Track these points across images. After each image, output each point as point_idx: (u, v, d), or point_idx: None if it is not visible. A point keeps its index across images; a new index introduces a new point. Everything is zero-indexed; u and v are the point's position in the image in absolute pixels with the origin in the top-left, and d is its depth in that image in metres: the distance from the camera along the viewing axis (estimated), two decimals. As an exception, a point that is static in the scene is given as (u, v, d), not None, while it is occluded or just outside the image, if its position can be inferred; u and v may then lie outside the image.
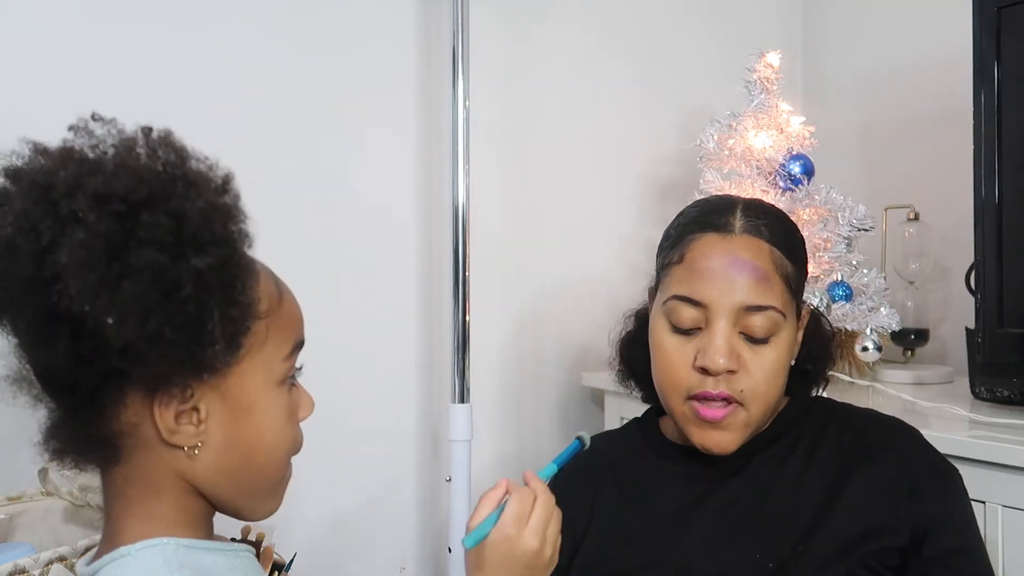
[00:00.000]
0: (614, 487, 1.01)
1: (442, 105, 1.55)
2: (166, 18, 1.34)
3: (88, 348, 0.59)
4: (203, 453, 0.67)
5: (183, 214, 0.60)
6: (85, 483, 1.07)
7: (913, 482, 0.90)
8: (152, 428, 0.65)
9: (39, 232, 0.59)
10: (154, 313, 0.58)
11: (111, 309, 0.58)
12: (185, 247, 0.60)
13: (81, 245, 0.57)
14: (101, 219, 0.58)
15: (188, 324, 0.60)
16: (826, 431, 0.96)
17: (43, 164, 0.62)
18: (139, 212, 0.59)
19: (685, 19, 1.90)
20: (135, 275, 0.58)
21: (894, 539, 0.87)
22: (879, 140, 1.87)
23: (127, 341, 0.58)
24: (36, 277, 0.58)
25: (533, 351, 1.71)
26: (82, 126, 0.64)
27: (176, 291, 0.59)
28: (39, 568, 0.90)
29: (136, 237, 0.59)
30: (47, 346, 0.60)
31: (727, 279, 0.90)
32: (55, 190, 0.60)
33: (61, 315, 0.58)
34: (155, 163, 0.62)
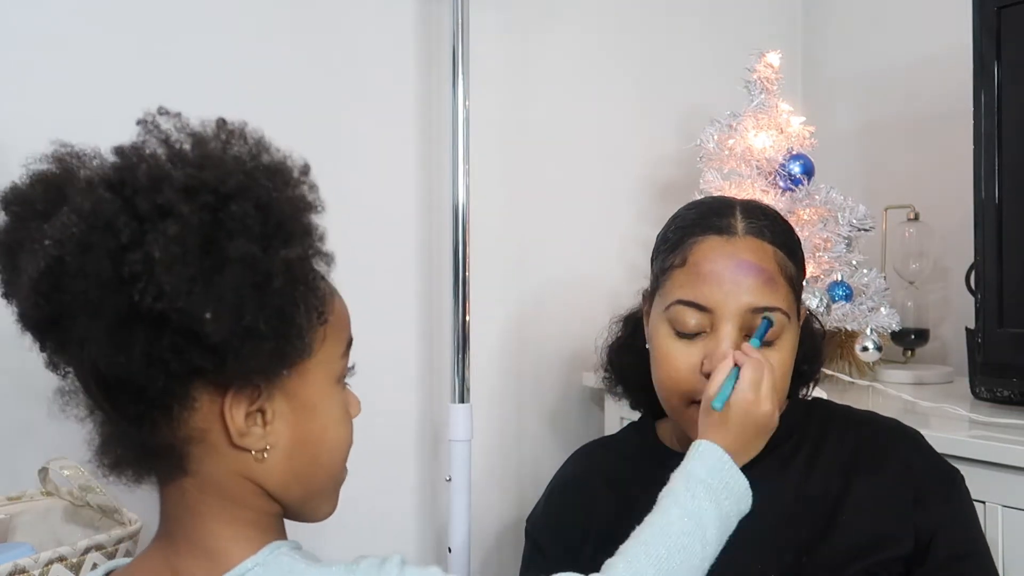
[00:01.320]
0: (611, 496, 1.00)
1: (442, 105, 1.55)
2: (166, 18, 1.34)
3: (167, 348, 0.58)
4: (271, 455, 0.66)
5: (269, 205, 0.59)
6: (85, 483, 1.07)
7: (917, 488, 0.89)
8: (220, 432, 0.64)
9: (115, 230, 0.57)
10: (248, 306, 0.57)
11: (208, 304, 0.56)
12: (272, 238, 0.59)
13: (174, 239, 0.56)
14: (194, 211, 0.57)
15: (278, 317, 0.59)
16: (827, 437, 0.95)
17: (106, 162, 0.61)
18: (228, 203, 0.58)
19: (685, 19, 1.90)
20: (230, 268, 0.57)
21: (899, 548, 0.87)
22: (879, 140, 1.87)
23: (222, 337, 0.57)
24: (114, 276, 0.56)
25: (533, 351, 1.71)
26: (150, 120, 0.62)
27: (268, 283, 0.58)
28: (39, 568, 0.90)
29: (226, 229, 0.57)
30: (122, 349, 0.58)
31: (733, 282, 0.89)
32: (128, 186, 0.58)
33: (142, 315, 0.56)
34: (236, 154, 0.61)
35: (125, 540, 0.99)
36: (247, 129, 0.64)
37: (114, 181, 0.59)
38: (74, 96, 1.28)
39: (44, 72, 1.25)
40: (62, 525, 1.11)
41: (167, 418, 0.62)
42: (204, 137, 0.62)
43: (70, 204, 0.59)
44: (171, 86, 1.34)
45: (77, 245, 0.57)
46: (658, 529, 0.76)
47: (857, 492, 0.90)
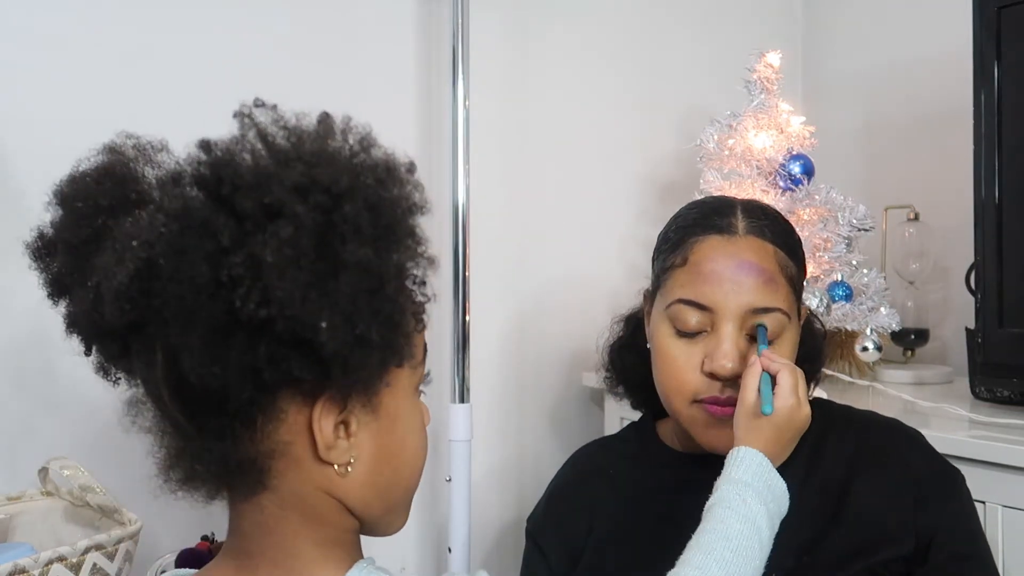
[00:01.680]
0: (612, 496, 1.00)
1: (442, 105, 1.55)
2: (166, 18, 1.34)
3: (264, 358, 0.53)
4: (355, 470, 0.61)
5: (378, 205, 0.55)
6: (85, 483, 1.07)
7: (918, 489, 0.89)
8: (305, 446, 0.59)
9: (213, 231, 0.52)
10: (363, 314, 0.53)
11: (323, 312, 0.52)
12: (383, 241, 0.55)
13: (288, 242, 0.51)
14: (308, 212, 0.52)
15: (389, 324, 0.55)
16: (827, 437, 0.95)
17: (196, 156, 0.56)
18: (341, 203, 0.53)
19: (685, 19, 1.90)
20: (346, 272, 0.53)
21: (900, 548, 0.87)
22: (879, 140, 1.87)
23: (336, 347, 0.53)
24: (212, 280, 0.52)
25: (533, 351, 1.71)
26: (247, 112, 0.57)
27: (381, 289, 0.54)
28: (39, 568, 0.90)
29: (339, 231, 0.53)
30: (218, 359, 0.53)
31: (734, 282, 0.90)
32: (227, 184, 0.53)
33: (241, 323, 0.52)
34: (344, 150, 0.57)
35: (125, 540, 0.99)
36: (352, 123, 0.60)
37: (208, 178, 0.54)
38: (74, 97, 1.28)
39: (44, 72, 1.25)
40: (62, 525, 1.11)
41: (250, 431, 0.58)
42: (306, 133, 0.58)
43: (156, 203, 0.55)
44: (171, 86, 1.34)
45: (170, 247, 0.52)
46: (719, 535, 0.76)
47: (858, 492, 0.90)
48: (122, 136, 0.61)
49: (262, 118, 0.57)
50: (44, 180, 1.33)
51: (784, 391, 0.85)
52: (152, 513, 1.13)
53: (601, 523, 0.98)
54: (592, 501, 1.00)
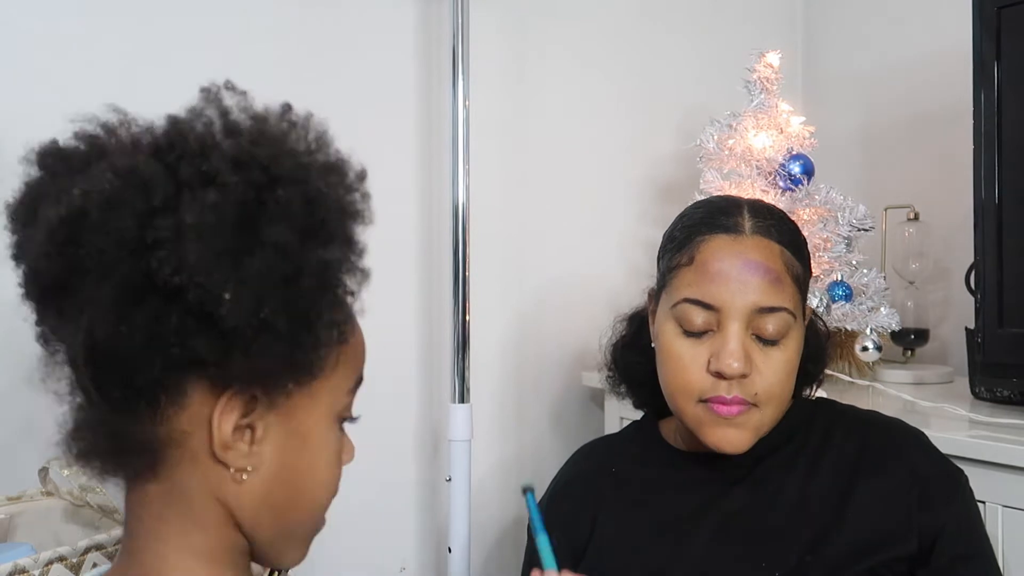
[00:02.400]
0: (616, 495, 1.00)
1: (442, 105, 1.55)
2: (166, 18, 1.34)
3: (173, 329, 0.53)
4: (251, 479, 0.59)
5: (316, 200, 0.55)
6: (85, 483, 1.07)
7: (921, 489, 0.89)
8: (203, 440, 0.58)
9: (149, 191, 0.53)
10: (271, 297, 0.53)
11: (229, 284, 0.52)
12: (313, 235, 0.55)
13: (211, 207, 0.52)
14: (238, 184, 0.53)
15: (300, 318, 0.55)
16: (831, 436, 0.95)
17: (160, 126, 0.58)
18: (276, 186, 0.54)
19: (685, 19, 1.90)
20: (262, 251, 0.53)
21: (903, 548, 0.87)
22: (879, 140, 1.87)
23: (237, 323, 0.53)
24: (137, 238, 0.52)
25: (533, 351, 1.71)
26: (214, 91, 0.59)
27: (297, 279, 0.54)
28: (39, 568, 0.90)
29: (268, 212, 0.53)
30: (125, 318, 0.53)
31: (740, 281, 0.90)
32: (176, 150, 0.54)
33: (156, 286, 0.52)
34: (295, 140, 0.58)
35: (125, 540, 0.99)
36: (312, 120, 0.60)
37: (161, 145, 0.56)
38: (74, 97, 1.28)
39: (44, 72, 1.25)
40: (62, 525, 1.11)
41: (151, 411, 0.56)
42: (265, 117, 0.58)
43: (107, 161, 0.55)
44: (171, 86, 1.34)
45: (106, 200, 0.53)
46: None
47: (861, 492, 0.90)
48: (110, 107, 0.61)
49: (229, 100, 0.59)
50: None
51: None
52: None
53: (604, 522, 0.98)
54: (596, 500, 1.01)
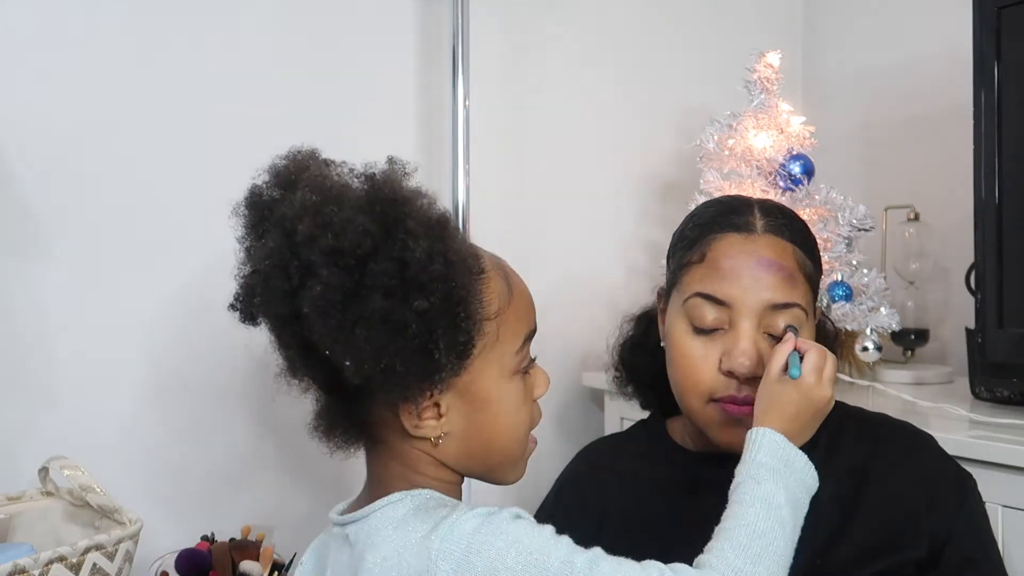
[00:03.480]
0: (622, 493, 1.00)
1: (442, 105, 1.55)
2: (165, 18, 1.34)
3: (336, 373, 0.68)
4: (447, 441, 0.74)
5: (405, 260, 0.66)
6: (85, 483, 1.07)
7: (930, 493, 0.89)
8: (400, 423, 0.73)
9: (289, 273, 0.66)
10: (386, 353, 0.65)
11: (348, 353, 0.65)
12: (409, 290, 0.66)
13: (319, 296, 0.65)
14: (333, 274, 0.65)
15: (417, 356, 0.67)
16: (841, 438, 0.95)
17: (288, 205, 0.68)
18: (367, 263, 0.65)
19: (685, 19, 1.90)
20: (366, 321, 0.65)
21: (912, 551, 0.87)
22: (879, 140, 1.87)
23: (364, 377, 0.66)
24: (290, 312, 0.67)
25: (533, 351, 1.71)
26: (316, 172, 0.71)
27: (403, 331, 0.66)
28: (39, 568, 0.90)
29: (365, 286, 0.65)
30: (307, 367, 0.71)
31: (753, 278, 0.89)
32: (297, 236, 0.66)
33: (312, 345, 0.67)
34: (378, 210, 0.67)
35: (125, 540, 0.99)
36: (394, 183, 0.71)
37: (289, 229, 0.67)
38: (74, 97, 1.28)
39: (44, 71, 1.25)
40: (62, 525, 1.11)
41: (358, 405, 0.74)
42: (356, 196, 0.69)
43: (267, 237, 0.69)
44: (170, 86, 1.34)
45: (264, 281, 0.68)
46: (735, 522, 0.77)
47: (870, 495, 0.90)
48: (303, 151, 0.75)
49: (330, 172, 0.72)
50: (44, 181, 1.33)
51: (806, 368, 0.84)
52: (152, 513, 1.14)
53: (611, 521, 0.98)
54: (603, 499, 1.00)
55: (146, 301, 1.32)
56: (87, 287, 1.28)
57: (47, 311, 1.26)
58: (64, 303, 1.27)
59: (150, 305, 1.32)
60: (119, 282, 1.30)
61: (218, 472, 1.38)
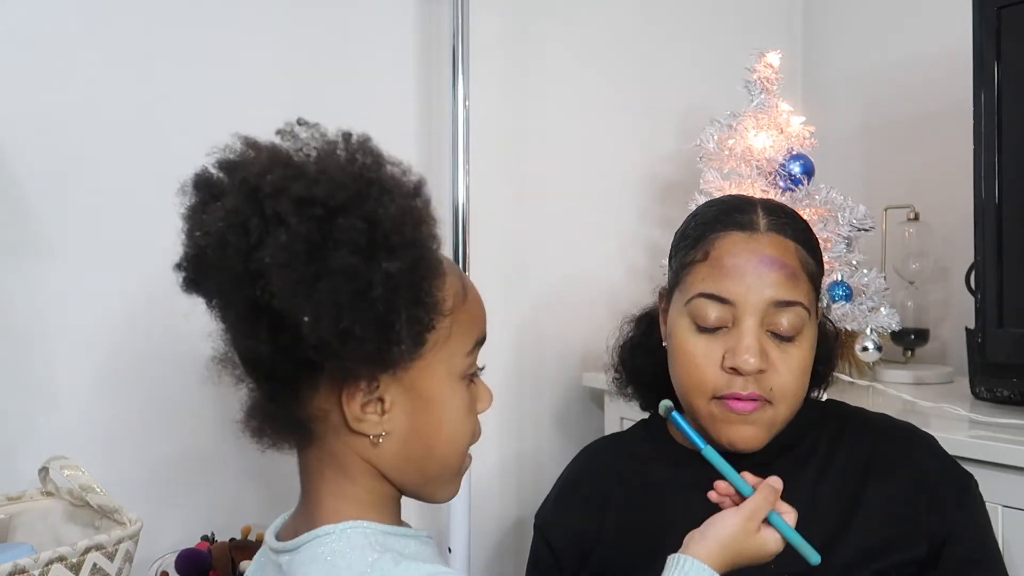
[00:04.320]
0: (624, 494, 1.00)
1: (442, 105, 1.55)
2: (165, 18, 1.34)
3: (286, 340, 0.63)
4: (386, 442, 0.70)
5: (376, 218, 0.63)
6: (85, 483, 1.07)
7: (931, 493, 0.89)
8: (340, 416, 0.69)
9: (248, 230, 0.62)
10: (346, 312, 0.62)
11: (307, 308, 0.61)
12: (377, 250, 0.63)
13: (283, 247, 0.61)
14: (302, 222, 0.62)
15: (377, 323, 0.63)
16: (842, 439, 0.95)
17: (254, 162, 0.66)
18: (336, 216, 0.62)
19: (685, 19, 1.90)
20: (331, 276, 0.62)
21: (912, 551, 0.87)
22: (879, 140, 1.87)
23: (320, 338, 0.62)
24: (244, 271, 0.63)
25: (533, 351, 1.71)
26: (288, 130, 0.69)
27: (367, 292, 0.62)
28: (39, 568, 0.90)
29: (333, 239, 0.62)
30: (251, 335, 0.65)
31: (756, 276, 0.89)
32: (262, 191, 0.63)
33: (264, 308, 0.62)
34: (353, 168, 0.66)
35: (125, 540, 0.99)
36: (369, 143, 0.69)
37: (254, 183, 0.64)
38: (74, 97, 1.28)
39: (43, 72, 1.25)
40: (62, 525, 1.11)
41: (295, 397, 0.69)
42: (329, 150, 0.67)
43: (223, 200, 0.65)
44: (170, 86, 1.34)
45: (218, 241, 0.63)
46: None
47: (871, 495, 0.90)
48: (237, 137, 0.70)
49: (303, 135, 0.69)
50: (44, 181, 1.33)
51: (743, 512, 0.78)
52: (152, 513, 1.14)
53: (612, 521, 0.98)
54: (603, 498, 1.00)
55: (148, 301, 1.31)
56: (88, 287, 1.28)
57: (47, 311, 1.26)
58: (64, 303, 1.27)
59: (152, 305, 1.32)
60: (120, 281, 1.30)
61: (219, 472, 1.38)
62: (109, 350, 1.30)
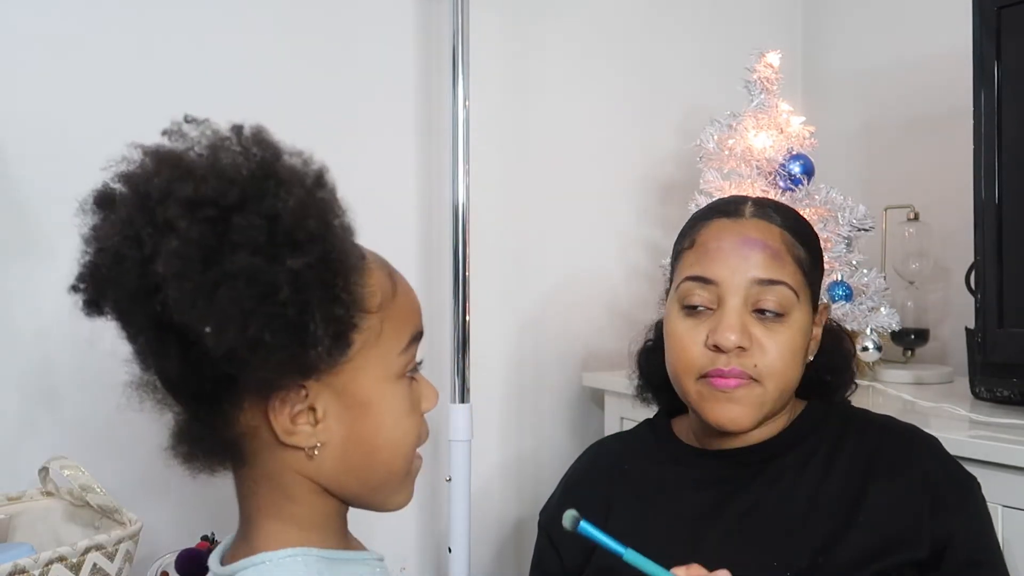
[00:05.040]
0: (628, 492, 1.00)
1: (442, 105, 1.55)
2: (165, 19, 1.34)
3: (196, 356, 0.58)
4: (323, 453, 0.65)
5: (275, 214, 0.58)
6: (85, 483, 1.07)
7: (933, 495, 0.89)
8: (270, 431, 0.64)
9: (141, 241, 0.57)
10: (253, 318, 0.56)
11: (208, 318, 0.56)
12: (280, 247, 0.58)
13: (175, 254, 0.56)
14: (193, 226, 0.57)
15: (288, 327, 0.58)
16: (845, 439, 0.95)
17: (144, 169, 0.61)
18: (231, 216, 0.57)
19: (685, 19, 1.90)
20: (230, 281, 0.56)
21: (914, 553, 0.87)
22: (879, 140, 1.87)
23: (228, 348, 0.57)
24: (141, 287, 0.58)
25: (533, 351, 1.71)
26: (175, 129, 0.63)
27: (274, 294, 0.57)
28: (39, 568, 0.90)
29: (229, 241, 0.57)
30: (160, 354, 0.60)
31: (738, 255, 0.92)
32: (152, 197, 0.58)
33: (167, 324, 0.57)
34: (246, 163, 0.60)
35: (125, 540, 0.99)
36: (263, 135, 0.63)
37: (143, 191, 0.59)
38: (74, 97, 1.28)
39: (43, 72, 1.25)
40: (62, 525, 1.11)
41: (221, 416, 0.64)
42: (219, 146, 0.61)
43: (117, 212, 0.60)
44: (170, 87, 1.34)
45: (113, 256, 0.59)
46: None
47: (874, 495, 0.90)
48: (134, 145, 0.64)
49: (193, 133, 0.63)
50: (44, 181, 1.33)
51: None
52: (152, 513, 1.14)
53: (616, 519, 0.98)
54: (607, 496, 1.01)
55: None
56: (87, 287, 1.28)
57: (47, 311, 1.26)
58: (64, 303, 1.26)
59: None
60: (119, 282, 1.30)
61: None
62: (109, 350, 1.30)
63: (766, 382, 0.91)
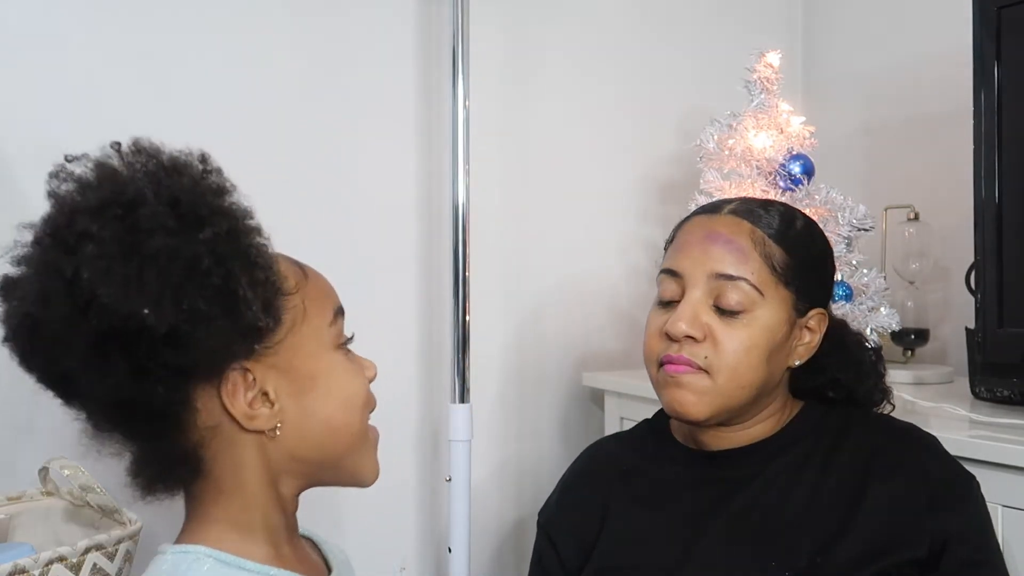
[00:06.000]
0: (626, 491, 1.01)
1: (442, 105, 1.55)
2: (165, 19, 1.34)
3: (144, 357, 0.61)
4: (284, 432, 0.69)
5: (175, 198, 0.63)
6: (85, 483, 1.07)
7: (932, 494, 0.89)
8: (231, 423, 0.68)
9: (60, 268, 0.61)
10: (183, 291, 0.61)
11: (143, 300, 0.60)
12: (189, 225, 0.62)
13: (97, 256, 0.60)
14: (104, 227, 0.61)
15: (219, 293, 0.62)
16: (843, 439, 0.95)
17: (50, 197, 0.65)
18: (136, 209, 0.62)
19: (685, 19, 1.90)
20: (153, 263, 0.61)
21: (913, 552, 0.87)
22: (879, 140, 1.87)
23: (170, 325, 0.60)
24: (73, 308, 0.61)
25: (533, 351, 1.71)
26: (59, 171, 0.66)
27: (197, 265, 0.61)
28: (39, 568, 0.90)
29: (141, 231, 0.61)
30: (107, 372, 0.62)
31: (700, 249, 0.94)
32: (59, 228, 0.62)
33: (107, 334, 0.60)
34: (133, 165, 0.65)
35: (125, 540, 0.99)
36: (141, 142, 0.67)
37: (49, 232, 0.64)
38: (74, 97, 1.28)
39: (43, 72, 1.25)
40: (62, 525, 1.11)
41: (178, 426, 0.67)
42: (103, 162, 0.66)
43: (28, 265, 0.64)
44: (170, 87, 1.34)
45: (38, 295, 0.62)
46: None
47: (873, 495, 0.90)
48: None
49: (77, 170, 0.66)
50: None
51: None
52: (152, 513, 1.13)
53: (614, 518, 0.99)
54: (606, 496, 1.01)
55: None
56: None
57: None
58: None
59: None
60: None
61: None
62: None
63: (716, 376, 0.91)
